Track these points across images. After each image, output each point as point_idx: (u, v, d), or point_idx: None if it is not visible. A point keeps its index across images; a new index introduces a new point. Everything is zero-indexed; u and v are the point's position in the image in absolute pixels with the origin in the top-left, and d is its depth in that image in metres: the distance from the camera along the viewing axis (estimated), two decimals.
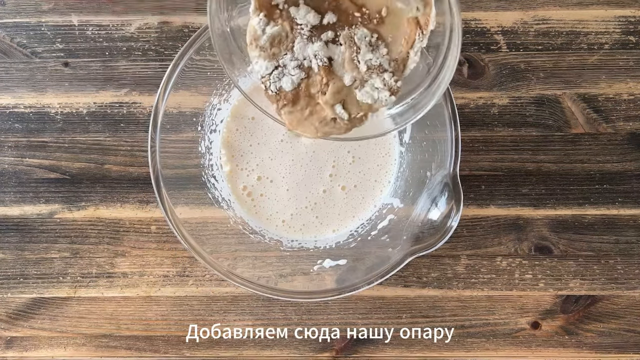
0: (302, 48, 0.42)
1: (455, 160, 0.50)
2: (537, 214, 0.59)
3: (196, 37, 0.50)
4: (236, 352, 0.58)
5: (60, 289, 0.59)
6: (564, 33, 0.60)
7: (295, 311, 0.59)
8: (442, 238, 0.48)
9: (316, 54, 0.42)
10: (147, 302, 0.59)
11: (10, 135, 0.60)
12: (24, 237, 0.60)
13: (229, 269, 0.51)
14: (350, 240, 0.57)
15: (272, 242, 0.57)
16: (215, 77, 0.56)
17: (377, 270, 0.51)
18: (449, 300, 0.58)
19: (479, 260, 0.59)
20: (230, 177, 0.58)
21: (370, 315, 0.58)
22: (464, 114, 0.59)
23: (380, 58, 0.42)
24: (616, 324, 0.58)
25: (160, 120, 0.51)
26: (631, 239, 0.58)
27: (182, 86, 0.52)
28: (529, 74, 0.60)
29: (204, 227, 0.55)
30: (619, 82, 0.60)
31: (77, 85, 0.60)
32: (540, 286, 0.58)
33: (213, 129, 0.58)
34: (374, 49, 0.42)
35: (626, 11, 0.60)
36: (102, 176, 0.60)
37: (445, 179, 0.50)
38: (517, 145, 0.59)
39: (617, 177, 0.59)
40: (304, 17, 0.42)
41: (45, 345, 0.59)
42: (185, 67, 0.51)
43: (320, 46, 0.42)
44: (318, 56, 0.42)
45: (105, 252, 0.59)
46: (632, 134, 0.59)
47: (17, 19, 0.61)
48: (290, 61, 0.42)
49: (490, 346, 0.58)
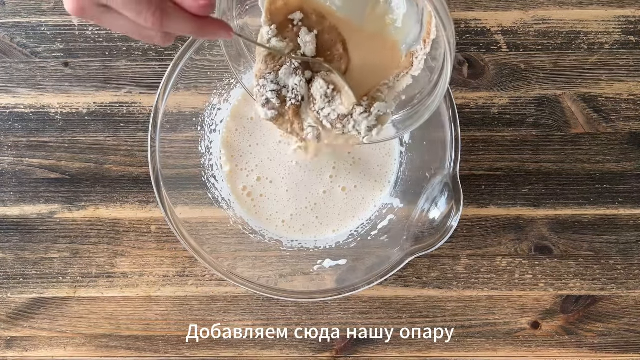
0: (286, 76, 0.42)
1: (455, 160, 0.50)
2: (537, 214, 0.59)
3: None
4: (236, 352, 0.58)
5: (60, 289, 0.59)
6: (564, 33, 0.60)
7: (295, 311, 0.59)
8: (442, 238, 0.48)
9: (294, 89, 0.43)
10: (147, 302, 0.59)
11: (10, 135, 0.60)
12: (24, 237, 0.60)
13: (229, 269, 0.51)
14: (350, 240, 0.57)
15: (272, 242, 0.57)
16: (215, 77, 0.56)
17: (377, 270, 0.51)
18: (449, 300, 0.58)
19: (479, 260, 0.59)
20: (230, 177, 0.58)
21: (370, 315, 0.58)
22: (464, 114, 0.59)
23: (333, 109, 0.42)
24: (616, 324, 0.58)
25: (160, 120, 0.51)
26: (631, 239, 0.58)
27: (182, 86, 0.52)
28: (529, 74, 0.60)
29: (204, 227, 0.55)
30: (619, 82, 0.60)
31: (77, 85, 0.60)
32: (540, 286, 0.58)
33: (213, 129, 0.58)
34: (330, 100, 0.43)
35: (626, 11, 0.60)
36: (102, 176, 0.60)
37: (445, 179, 0.50)
38: (517, 145, 0.59)
39: (617, 177, 0.59)
40: (306, 44, 0.42)
41: (45, 345, 0.59)
42: (185, 67, 0.51)
43: (299, 81, 0.43)
44: (295, 90, 0.43)
45: (105, 252, 0.59)
46: (632, 134, 0.59)
47: (17, 19, 0.61)
48: (271, 83, 0.43)
49: (490, 346, 0.58)
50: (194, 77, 0.53)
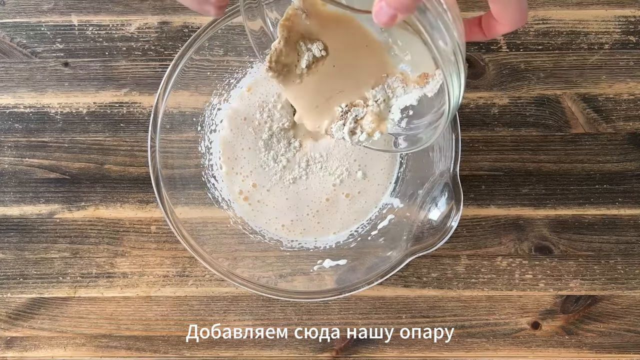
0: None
1: (455, 160, 0.50)
2: (537, 214, 0.59)
3: (196, 37, 0.50)
4: (236, 352, 0.58)
5: (60, 289, 0.59)
6: (564, 33, 0.60)
7: (295, 311, 0.59)
8: (442, 238, 0.48)
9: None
10: (147, 302, 0.59)
11: (10, 135, 0.60)
12: (24, 237, 0.60)
13: (229, 269, 0.51)
14: (351, 240, 0.57)
15: (272, 242, 0.57)
16: (215, 77, 0.56)
17: (377, 270, 0.51)
18: (449, 300, 0.58)
19: (479, 260, 0.59)
20: (227, 178, 0.58)
21: (370, 315, 0.58)
22: (464, 114, 0.59)
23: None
24: (616, 324, 0.58)
25: (160, 120, 0.51)
26: (631, 239, 0.58)
27: (182, 86, 0.52)
28: (529, 74, 0.60)
29: (204, 227, 0.55)
30: (619, 82, 0.60)
31: (77, 85, 0.60)
32: (540, 286, 0.58)
33: (213, 129, 0.57)
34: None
35: (626, 11, 0.60)
36: (102, 176, 0.60)
37: (445, 179, 0.50)
38: (517, 145, 0.59)
39: (617, 177, 0.59)
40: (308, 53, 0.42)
41: (45, 345, 0.59)
42: (185, 67, 0.51)
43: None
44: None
45: (105, 252, 0.59)
46: (632, 134, 0.59)
47: (17, 19, 0.61)
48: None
49: (490, 346, 0.58)
50: (194, 77, 0.53)
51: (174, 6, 0.61)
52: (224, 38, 0.53)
